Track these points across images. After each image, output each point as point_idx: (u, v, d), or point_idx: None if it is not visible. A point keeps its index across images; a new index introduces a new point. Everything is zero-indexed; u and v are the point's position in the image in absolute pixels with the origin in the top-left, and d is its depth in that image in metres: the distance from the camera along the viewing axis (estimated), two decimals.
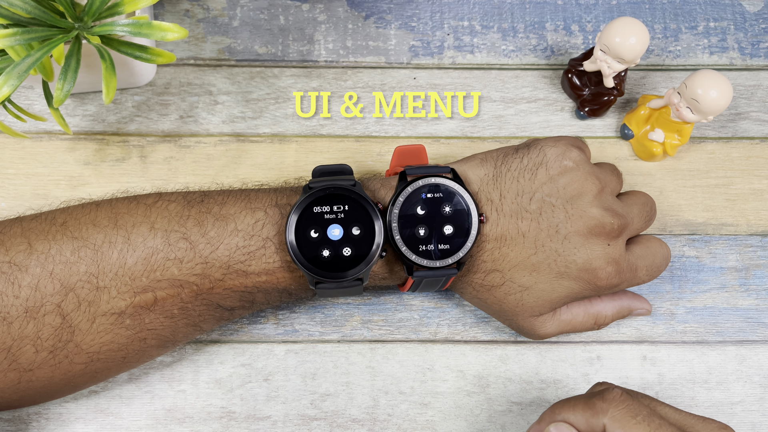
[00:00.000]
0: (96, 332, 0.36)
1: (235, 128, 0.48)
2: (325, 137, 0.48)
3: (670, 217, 0.47)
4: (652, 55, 0.51)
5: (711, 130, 0.49)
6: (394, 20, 0.51)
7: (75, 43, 0.38)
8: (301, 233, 0.37)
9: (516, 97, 0.50)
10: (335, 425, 0.43)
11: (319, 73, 0.49)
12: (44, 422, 0.42)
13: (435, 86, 0.49)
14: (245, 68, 0.49)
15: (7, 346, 0.35)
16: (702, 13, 0.52)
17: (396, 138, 0.48)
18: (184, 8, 0.50)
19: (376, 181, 0.40)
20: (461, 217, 0.38)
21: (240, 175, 0.47)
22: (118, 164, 0.47)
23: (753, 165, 0.49)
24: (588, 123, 0.49)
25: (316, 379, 0.44)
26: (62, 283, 0.36)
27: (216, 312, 0.39)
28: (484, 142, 0.49)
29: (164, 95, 0.48)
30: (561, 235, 0.38)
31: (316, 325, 0.45)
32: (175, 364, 0.44)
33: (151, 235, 0.37)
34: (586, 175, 0.39)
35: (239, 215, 0.38)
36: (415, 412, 0.44)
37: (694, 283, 0.46)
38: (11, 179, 0.46)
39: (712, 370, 0.45)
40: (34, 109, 0.47)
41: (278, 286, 0.38)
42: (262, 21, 0.50)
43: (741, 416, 0.44)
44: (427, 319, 0.45)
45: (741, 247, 0.47)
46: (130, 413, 0.43)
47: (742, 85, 0.50)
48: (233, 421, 0.43)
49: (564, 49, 0.51)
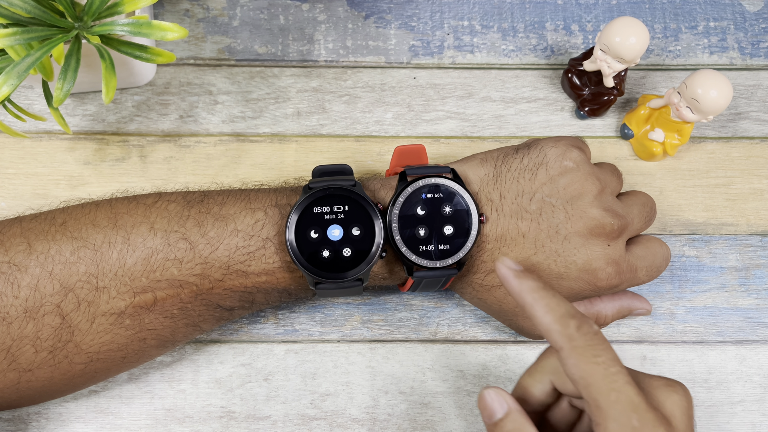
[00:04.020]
0: (95, 332, 0.36)
1: (235, 128, 0.48)
2: (324, 137, 0.48)
3: (670, 217, 0.47)
4: (652, 55, 0.51)
5: (711, 130, 0.49)
6: (394, 20, 0.51)
7: (75, 42, 0.38)
8: (301, 233, 0.37)
9: (516, 97, 0.49)
10: (335, 425, 0.43)
11: (319, 72, 0.49)
12: (44, 422, 0.42)
13: (435, 86, 0.49)
14: (245, 68, 0.49)
15: (7, 347, 0.35)
16: (702, 12, 0.52)
17: (396, 138, 0.48)
18: (184, 8, 0.50)
19: (376, 181, 0.40)
20: (461, 217, 0.38)
21: (240, 175, 0.47)
22: (118, 164, 0.47)
23: (753, 165, 0.49)
24: (588, 123, 0.49)
25: (316, 378, 0.44)
26: (62, 284, 0.36)
27: (216, 312, 0.39)
28: (484, 142, 0.49)
29: (164, 95, 0.48)
30: (561, 235, 0.38)
31: (316, 324, 0.45)
32: (175, 363, 0.44)
33: (150, 236, 0.37)
34: (587, 176, 0.39)
35: (239, 215, 0.38)
36: (415, 412, 0.44)
37: (694, 283, 0.46)
38: (11, 179, 0.46)
39: (712, 370, 0.45)
40: (34, 109, 0.47)
41: (278, 286, 0.38)
42: (262, 21, 0.50)
43: (741, 416, 0.44)
44: (427, 319, 0.45)
45: (741, 247, 0.47)
46: (130, 413, 0.43)
47: (742, 85, 0.50)
48: (233, 420, 0.43)
49: (564, 49, 0.51)
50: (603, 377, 0.30)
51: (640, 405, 0.30)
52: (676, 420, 0.31)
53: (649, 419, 0.29)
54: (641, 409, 0.29)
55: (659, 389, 0.31)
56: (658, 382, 0.32)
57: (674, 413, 0.31)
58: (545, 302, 0.32)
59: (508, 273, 0.34)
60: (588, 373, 0.30)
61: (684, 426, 0.31)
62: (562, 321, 0.31)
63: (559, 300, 0.32)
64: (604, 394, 0.30)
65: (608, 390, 0.30)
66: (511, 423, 0.33)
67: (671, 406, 0.31)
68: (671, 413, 0.31)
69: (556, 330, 0.31)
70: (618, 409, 0.29)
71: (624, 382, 0.30)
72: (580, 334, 0.31)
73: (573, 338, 0.31)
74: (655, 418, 0.30)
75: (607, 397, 0.30)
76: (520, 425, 0.32)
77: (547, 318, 0.32)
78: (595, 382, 0.30)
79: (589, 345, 0.31)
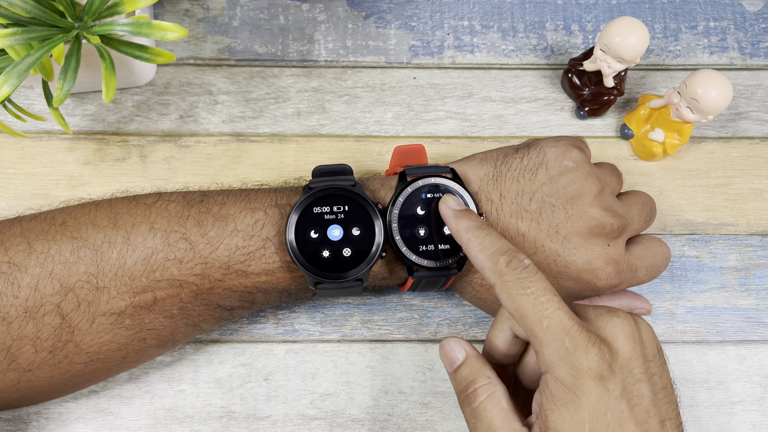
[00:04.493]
0: (95, 332, 0.36)
1: (235, 128, 0.48)
2: (324, 137, 0.48)
3: (670, 217, 0.47)
4: (652, 55, 0.51)
5: (711, 130, 0.49)
6: (394, 20, 0.51)
7: (75, 42, 0.38)
8: (300, 233, 0.37)
9: (516, 97, 0.49)
10: (335, 425, 0.43)
11: (319, 72, 0.49)
12: (44, 422, 0.42)
13: (435, 86, 0.49)
14: (245, 68, 0.49)
15: (7, 346, 0.35)
16: (702, 12, 0.52)
17: (396, 138, 0.48)
18: (184, 8, 0.50)
19: (376, 181, 0.40)
20: None
21: (240, 174, 0.47)
22: (118, 164, 0.47)
23: (753, 165, 0.49)
24: (588, 123, 0.49)
25: (316, 378, 0.44)
26: (62, 283, 0.36)
27: (216, 312, 0.39)
28: (484, 142, 0.49)
29: (164, 95, 0.48)
30: (561, 235, 0.38)
31: (316, 324, 0.45)
32: (175, 363, 0.44)
33: (150, 235, 0.37)
34: (586, 176, 0.39)
35: (239, 215, 0.38)
36: (415, 412, 0.44)
37: (694, 283, 0.46)
38: (11, 179, 0.46)
39: (712, 370, 0.45)
40: (34, 109, 0.47)
41: (278, 286, 0.38)
42: (262, 21, 0.50)
43: (741, 416, 0.44)
44: (427, 319, 0.45)
45: (741, 246, 0.47)
46: (130, 413, 0.43)
47: (742, 85, 0.50)
48: (233, 420, 0.43)
49: (564, 49, 0.51)
50: (533, 306, 0.30)
51: (572, 328, 0.30)
52: (618, 342, 0.31)
53: (582, 340, 0.30)
54: (573, 332, 0.30)
55: (601, 316, 0.32)
56: (600, 310, 0.32)
57: (615, 336, 0.31)
58: (479, 241, 0.33)
59: (448, 212, 0.35)
60: (520, 305, 0.31)
61: (628, 348, 0.31)
62: (493, 258, 0.32)
63: (493, 238, 0.33)
64: (536, 323, 0.30)
65: (539, 318, 0.30)
66: (468, 368, 0.33)
67: (612, 330, 0.31)
68: (612, 336, 0.31)
69: (488, 267, 0.32)
70: (550, 335, 0.30)
71: (554, 308, 0.30)
72: (509, 269, 0.31)
73: (503, 273, 0.32)
74: (588, 338, 0.30)
75: (540, 325, 0.30)
76: (477, 369, 0.33)
77: (480, 255, 0.33)
78: (528, 313, 0.30)
79: (519, 279, 0.31)
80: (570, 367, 0.30)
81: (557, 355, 0.30)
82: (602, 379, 0.30)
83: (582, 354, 0.30)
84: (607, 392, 0.30)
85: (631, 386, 0.30)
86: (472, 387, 0.33)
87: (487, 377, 0.33)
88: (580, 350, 0.30)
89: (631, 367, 0.30)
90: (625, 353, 0.30)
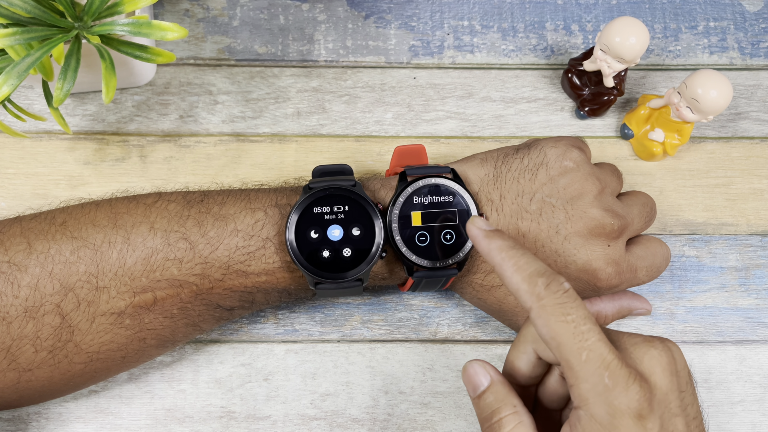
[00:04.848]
0: (95, 332, 0.36)
1: (234, 128, 0.48)
2: (324, 137, 0.48)
3: (670, 217, 0.47)
4: (652, 55, 0.51)
5: (711, 130, 0.49)
6: (394, 20, 0.51)
7: (75, 42, 0.38)
8: (301, 234, 0.37)
9: (516, 97, 0.49)
10: (335, 425, 0.43)
11: (319, 72, 0.49)
12: (44, 422, 0.42)
13: (435, 86, 0.49)
14: (245, 68, 0.49)
15: (7, 346, 0.35)
16: (702, 12, 0.52)
17: (396, 138, 0.48)
18: (184, 8, 0.50)
19: (376, 181, 0.40)
20: (461, 217, 0.38)
21: (240, 174, 0.47)
22: (118, 164, 0.47)
23: (753, 165, 0.49)
24: (588, 123, 0.49)
25: (316, 378, 0.44)
26: (62, 283, 0.36)
27: (215, 312, 0.39)
28: (484, 142, 0.49)
29: (164, 95, 0.48)
30: (561, 235, 0.38)
31: (316, 324, 0.45)
32: (175, 363, 0.44)
33: (150, 235, 0.37)
34: (587, 176, 0.39)
35: (239, 215, 0.38)
36: (415, 412, 0.44)
37: (694, 283, 0.46)
38: (11, 179, 0.46)
39: (712, 370, 0.45)
40: (34, 109, 0.47)
41: (278, 286, 0.38)
42: (262, 21, 0.50)
43: (741, 416, 0.44)
44: (427, 319, 0.45)
45: (741, 247, 0.47)
46: (129, 413, 0.43)
47: (742, 85, 0.50)
48: (233, 420, 0.43)
49: (564, 49, 0.51)
50: (573, 336, 0.28)
51: (612, 362, 0.28)
52: (656, 376, 0.29)
53: (622, 376, 0.28)
54: (613, 367, 0.28)
55: (636, 346, 0.30)
56: (635, 339, 0.30)
57: (653, 370, 0.29)
58: (514, 261, 0.31)
59: (478, 233, 0.33)
60: (558, 332, 0.29)
61: (665, 382, 0.29)
62: (530, 279, 0.30)
63: (528, 258, 0.31)
64: (574, 354, 0.28)
65: (579, 349, 0.28)
66: (494, 395, 0.32)
67: (649, 362, 0.29)
68: (649, 370, 0.29)
69: (524, 289, 0.30)
70: (589, 369, 0.28)
71: (595, 340, 0.28)
72: (548, 292, 0.29)
73: (541, 297, 0.29)
74: (628, 374, 0.28)
75: (578, 357, 0.28)
76: (503, 396, 0.31)
77: (516, 277, 0.30)
78: (566, 342, 0.28)
79: (558, 303, 0.29)
80: (608, 405, 0.28)
81: (595, 391, 0.28)
82: (641, 419, 0.28)
83: (621, 392, 0.28)
84: (645, 431, 0.28)
85: (667, 422, 0.29)
86: (497, 416, 0.31)
87: (513, 406, 0.31)
88: (620, 388, 0.28)
89: (668, 402, 0.29)
90: (663, 388, 0.29)
